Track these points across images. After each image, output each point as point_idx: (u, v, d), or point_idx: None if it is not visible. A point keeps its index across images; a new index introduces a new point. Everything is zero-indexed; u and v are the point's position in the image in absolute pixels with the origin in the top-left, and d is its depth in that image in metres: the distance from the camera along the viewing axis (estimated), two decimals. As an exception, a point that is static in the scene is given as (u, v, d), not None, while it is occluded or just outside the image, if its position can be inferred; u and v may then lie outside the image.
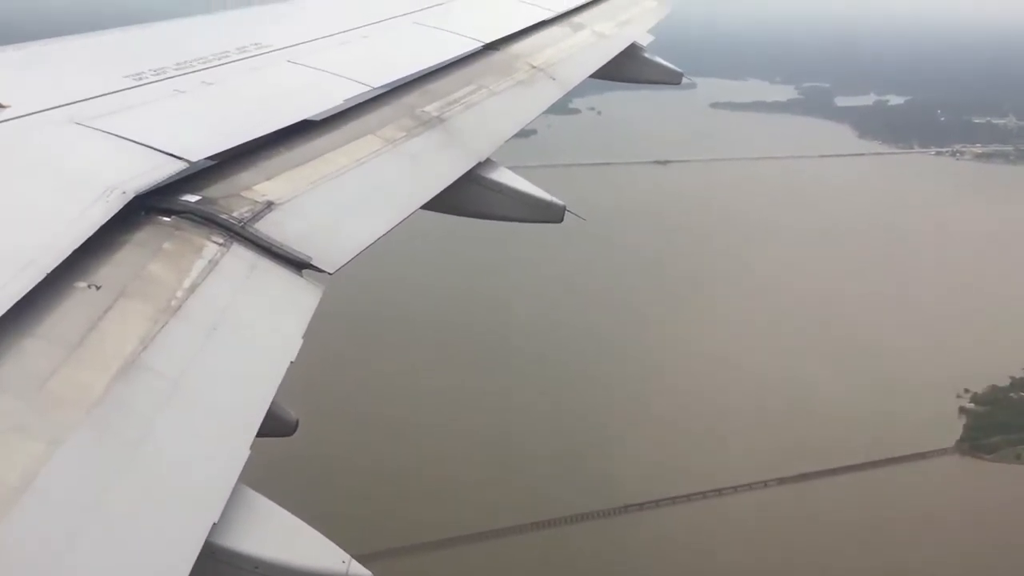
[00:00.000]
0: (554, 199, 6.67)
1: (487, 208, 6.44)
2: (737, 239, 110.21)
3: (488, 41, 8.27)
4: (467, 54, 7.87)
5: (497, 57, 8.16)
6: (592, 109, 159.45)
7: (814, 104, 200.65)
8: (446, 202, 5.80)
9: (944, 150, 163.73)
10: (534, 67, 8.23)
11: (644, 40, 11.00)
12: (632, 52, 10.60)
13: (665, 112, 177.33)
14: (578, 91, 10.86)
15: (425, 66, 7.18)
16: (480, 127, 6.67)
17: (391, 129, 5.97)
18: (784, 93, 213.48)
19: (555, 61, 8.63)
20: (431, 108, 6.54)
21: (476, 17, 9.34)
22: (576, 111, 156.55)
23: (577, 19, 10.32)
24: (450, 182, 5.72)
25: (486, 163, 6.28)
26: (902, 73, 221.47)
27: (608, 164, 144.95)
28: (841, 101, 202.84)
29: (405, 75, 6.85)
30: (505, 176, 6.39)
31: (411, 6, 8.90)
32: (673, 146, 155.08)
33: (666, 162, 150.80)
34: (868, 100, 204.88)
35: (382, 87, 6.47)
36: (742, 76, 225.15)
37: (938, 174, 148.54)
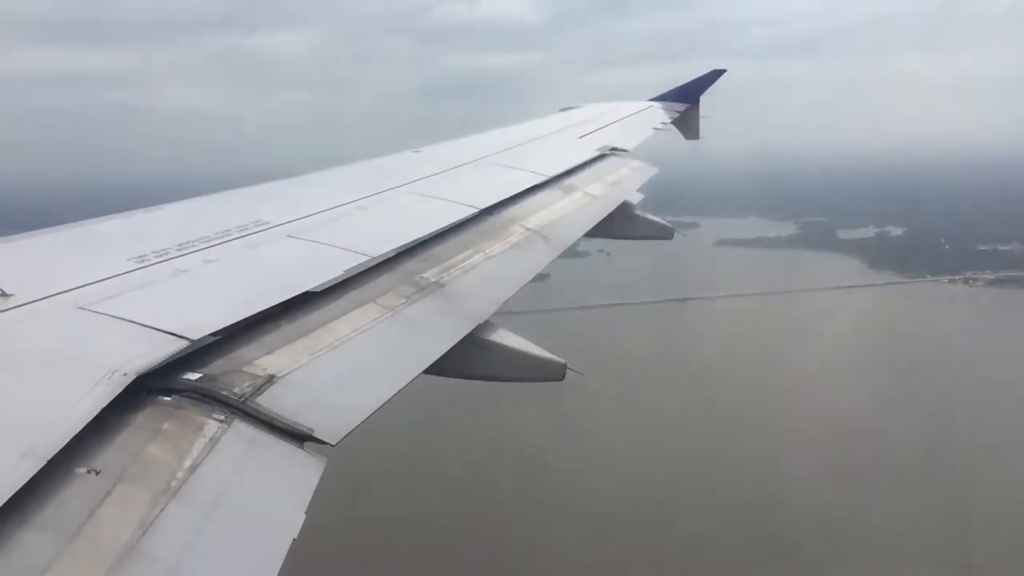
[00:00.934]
0: (554, 357, 6.68)
1: (489, 370, 6.44)
2: (776, 374, 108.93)
3: (483, 207, 8.49)
4: (463, 220, 8.07)
5: (492, 221, 8.36)
6: (601, 251, 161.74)
7: (816, 238, 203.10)
8: (448, 366, 5.80)
9: (956, 277, 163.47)
10: (528, 229, 8.43)
11: (634, 198, 11.31)
12: (624, 210, 10.88)
13: (673, 252, 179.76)
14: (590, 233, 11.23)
15: (423, 233, 7.35)
16: (478, 290, 6.76)
17: (391, 296, 6.05)
18: (785, 229, 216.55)
19: (548, 223, 8.84)
20: (429, 274, 6.65)
21: (470, 185, 9.63)
22: (586, 254, 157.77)
23: (568, 182, 10.64)
24: (450, 346, 5.74)
25: (485, 325, 6.32)
26: (897, 205, 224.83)
27: (626, 304, 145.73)
28: (843, 234, 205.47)
29: (403, 243, 7.00)
30: (504, 337, 6.42)
31: (406, 178, 9.20)
32: (687, 284, 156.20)
33: (684, 300, 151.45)
34: (869, 232, 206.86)
35: (381, 256, 6.59)
36: (742, 215, 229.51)
37: (956, 300, 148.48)
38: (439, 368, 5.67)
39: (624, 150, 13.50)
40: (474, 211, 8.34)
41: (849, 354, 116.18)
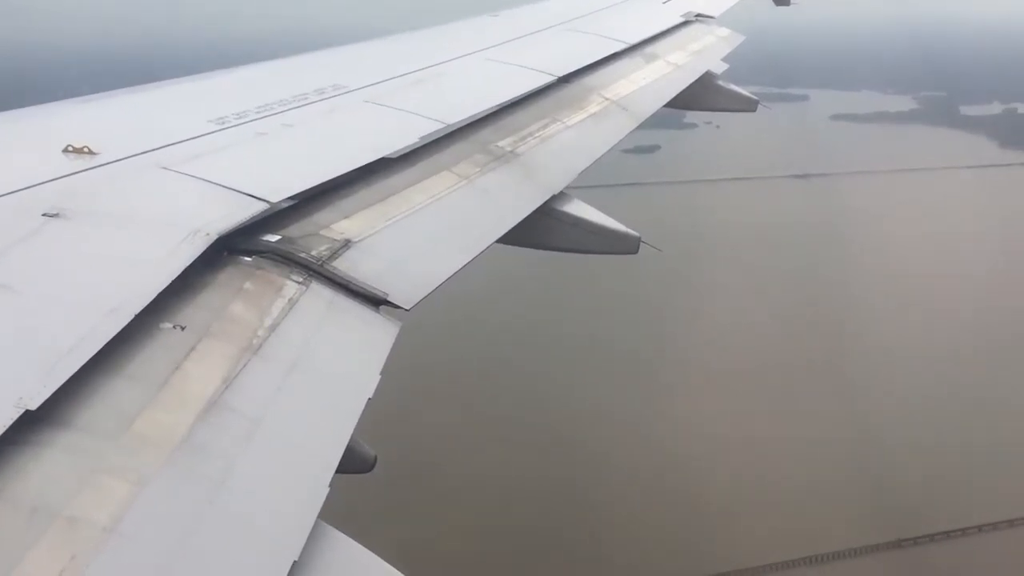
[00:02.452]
0: (629, 230, 6.64)
1: (562, 241, 6.45)
2: (917, 255, 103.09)
3: (561, 74, 8.31)
4: (540, 88, 7.92)
5: (570, 90, 8.19)
6: (709, 123, 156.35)
7: (937, 114, 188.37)
8: (521, 235, 5.82)
9: None
10: (607, 99, 8.24)
11: (718, 68, 10.93)
12: (706, 81, 10.53)
13: (785, 125, 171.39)
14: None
15: (499, 101, 7.25)
16: (554, 160, 6.69)
17: (466, 165, 6.03)
18: (902, 104, 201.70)
19: (628, 92, 8.62)
20: (505, 143, 6.59)
21: (549, 51, 9.39)
22: (692, 125, 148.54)
23: (650, 50, 10.31)
24: (524, 216, 5.74)
25: (560, 195, 6.29)
26: (1020, 79, 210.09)
27: (744, 179, 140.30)
28: (966, 110, 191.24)
29: (479, 111, 6.93)
30: (579, 208, 6.38)
31: (485, 43, 9.01)
32: (806, 159, 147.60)
33: (806, 175, 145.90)
34: (995, 109, 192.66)
35: (457, 123, 6.55)
36: (854, 87, 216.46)
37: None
38: (512, 237, 5.68)
39: (710, 16, 12.97)
40: (552, 79, 8.17)
41: (993, 240, 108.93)
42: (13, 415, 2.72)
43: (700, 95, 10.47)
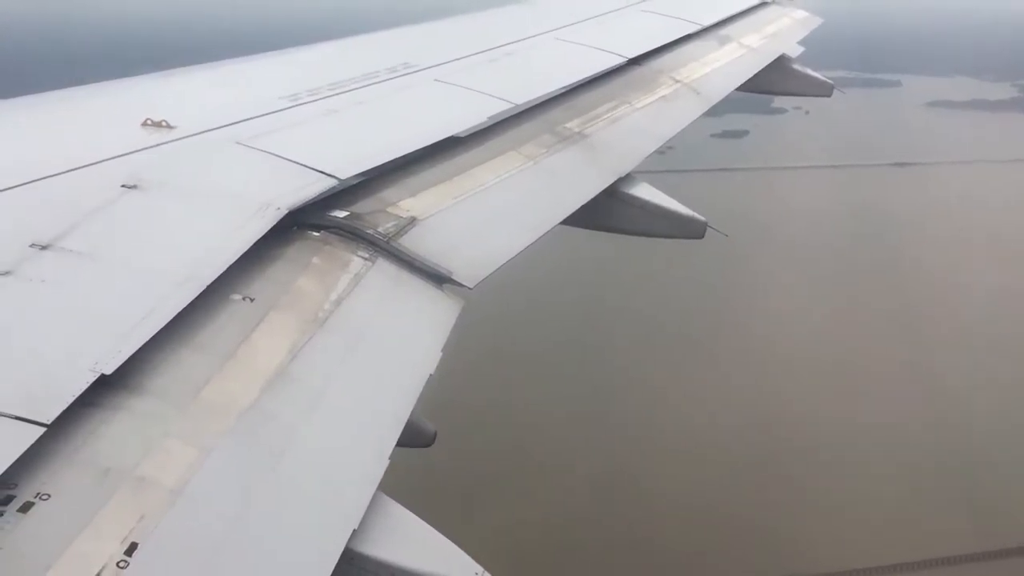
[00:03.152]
0: (695, 214, 6.59)
1: (627, 223, 6.42)
2: None
3: (631, 56, 8.25)
4: (610, 69, 7.88)
5: (640, 72, 8.12)
6: (799, 108, 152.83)
7: None
8: (586, 217, 5.81)
9: None
10: (677, 81, 8.16)
11: (793, 52, 10.72)
12: (780, 64, 10.35)
13: (879, 111, 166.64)
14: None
15: (567, 82, 7.23)
16: (621, 143, 6.65)
17: (533, 145, 6.04)
18: (1002, 91, 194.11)
19: (699, 75, 8.52)
20: (572, 124, 6.57)
21: (619, 33, 9.32)
22: (782, 110, 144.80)
23: (723, 32, 10.16)
24: (590, 197, 5.72)
25: (627, 178, 6.26)
26: None
27: (840, 167, 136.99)
28: None
29: (548, 91, 6.92)
30: (646, 192, 6.35)
31: (554, 23, 8.98)
32: (904, 148, 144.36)
33: (904, 164, 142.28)
34: None
35: (525, 104, 6.55)
36: (948, 73, 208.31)
37: None
38: (578, 219, 5.68)
39: (787, -2, 12.73)
40: (622, 60, 8.11)
41: None
42: (89, 379, 2.83)
43: (774, 79, 10.29)
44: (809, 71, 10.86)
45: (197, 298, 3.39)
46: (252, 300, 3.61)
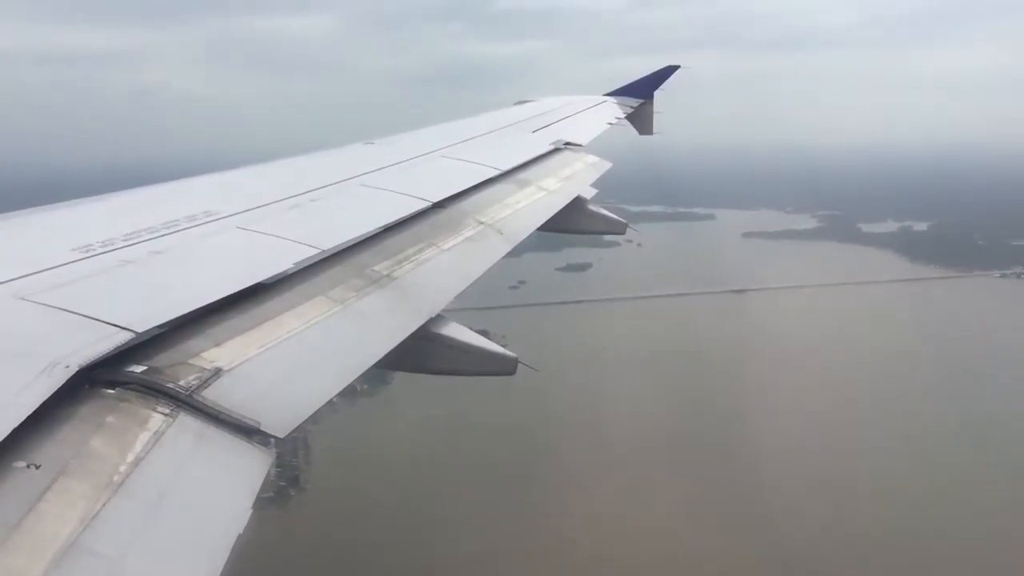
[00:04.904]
0: (506, 351, 6.72)
1: (440, 364, 6.46)
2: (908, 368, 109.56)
3: (436, 200, 8.48)
4: (416, 213, 8.05)
5: (445, 215, 8.35)
6: (630, 242, 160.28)
7: (842, 231, 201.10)
8: (399, 360, 5.79)
9: (1008, 272, 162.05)
10: (481, 223, 8.43)
11: (588, 193, 11.37)
12: (578, 205, 10.93)
13: (701, 242, 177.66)
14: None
15: (374, 226, 7.32)
16: (430, 283, 6.75)
17: (341, 289, 6.02)
18: (804, 222, 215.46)
19: (502, 216, 8.85)
20: (381, 267, 6.62)
21: (423, 178, 9.60)
22: (615, 244, 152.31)
23: (522, 176, 10.66)
24: (401, 339, 5.73)
25: (437, 319, 6.32)
26: (911, 200, 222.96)
27: (684, 295, 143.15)
28: (866, 228, 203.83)
29: (355, 236, 6.96)
30: (456, 331, 6.43)
31: (358, 169, 9.15)
32: (735, 275, 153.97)
33: (742, 291, 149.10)
34: (891, 227, 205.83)
35: (332, 248, 6.55)
36: (753, 206, 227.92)
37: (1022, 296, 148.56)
38: (390, 362, 5.65)
39: (578, 144, 13.56)
40: (426, 204, 8.32)
41: (965, 350, 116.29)
42: None
43: (573, 218, 10.85)
44: (604, 211, 11.53)
45: None
46: (38, 467, 3.33)
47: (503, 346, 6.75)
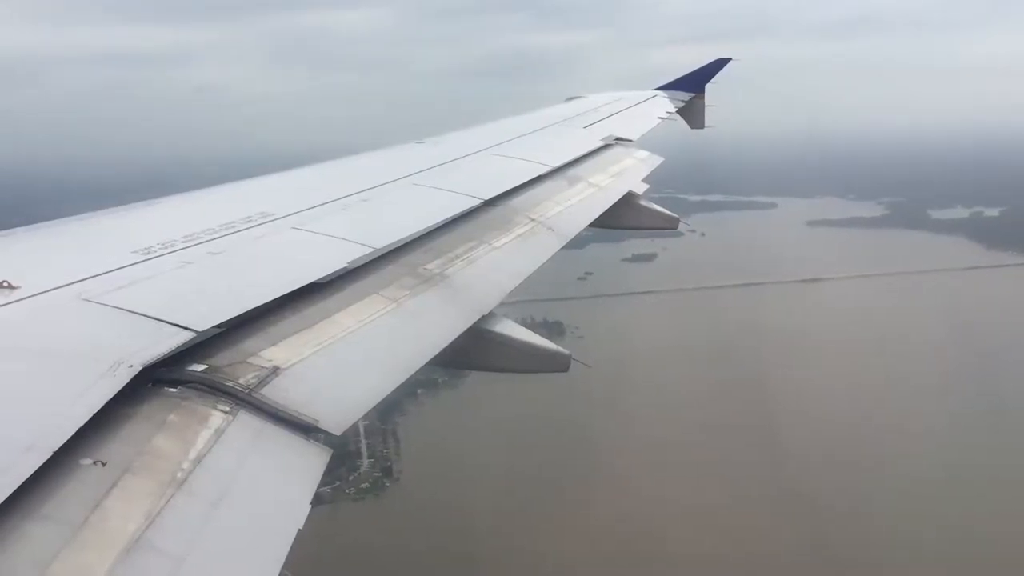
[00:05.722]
0: (560, 348, 6.71)
1: (493, 361, 6.47)
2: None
3: (487, 198, 8.50)
4: (467, 211, 8.08)
5: (496, 212, 8.37)
6: (693, 231, 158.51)
7: (910, 218, 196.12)
8: (451, 357, 5.82)
9: None
10: (533, 220, 8.43)
11: (639, 188, 11.30)
12: (629, 200, 10.87)
13: (765, 231, 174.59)
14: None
15: (426, 225, 7.36)
16: (482, 281, 6.77)
17: (394, 288, 6.07)
18: (870, 209, 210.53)
19: (553, 213, 8.84)
20: (433, 265, 6.66)
21: (473, 176, 9.63)
22: (678, 233, 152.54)
23: (572, 172, 10.64)
24: (453, 338, 5.76)
25: (490, 316, 6.34)
26: (976, 185, 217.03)
27: (755, 284, 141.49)
28: (936, 215, 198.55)
29: (407, 235, 7.01)
30: (509, 328, 6.44)
31: (410, 168, 9.20)
32: (806, 264, 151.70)
33: (816, 280, 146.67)
34: (961, 213, 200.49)
35: (385, 247, 6.61)
36: (816, 194, 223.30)
37: None
38: (443, 359, 5.68)
39: (629, 140, 13.49)
40: (477, 202, 8.34)
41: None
42: None
43: (624, 214, 10.79)
44: (656, 206, 11.45)
45: (43, 465, 3.18)
46: (104, 464, 3.41)
47: (580, 338, 6.77)
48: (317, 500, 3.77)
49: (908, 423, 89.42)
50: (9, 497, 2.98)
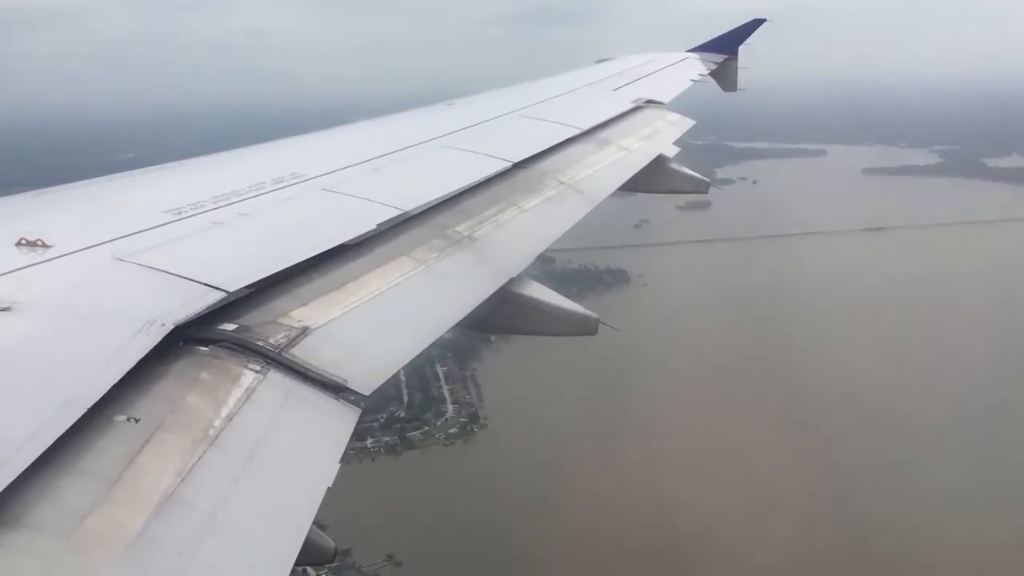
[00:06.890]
0: (588, 312, 6.69)
1: (521, 324, 6.47)
2: None
3: (516, 160, 8.45)
4: (496, 174, 8.04)
5: (525, 175, 8.32)
6: (744, 179, 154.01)
7: (966, 167, 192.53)
8: (480, 320, 5.83)
9: None
10: (562, 183, 8.38)
11: (670, 152, 11.19)
12: (659, 164, 10.77)
13: (818, 179, 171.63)
14: (717, 160, 11.29)
15: (455, 187, 7.34)
16: (510, 244, 6.75)
17: (423, 250, 6.07)
18: (923, 157, 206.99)
19: (582, 176, 8.78)
20: (462, 228, 6.65)
21: (503, 138, 9.57)
22: (729, 181, 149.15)
23: (602, 135, 10.55)
24: (481, 300, 5.75)
25: (518, 279, 6.33)
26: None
27: (816, 233, 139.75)
28: (991, 163, 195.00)
29: (436, 197, 6.99)
30: (537, 291, 6.42)
31: (438, 131, 9.17)
32: (867, 212, 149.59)
33: (879, 229, 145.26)
34: (1018, 161, 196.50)
35: (414, 209, 6.60)
36: (866, 142, 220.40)
37: None
38: (471, 322, 5.69)
39: (660, 102, 13.35)
40: (507, 164, 8.30)
41: None
42: None
43: (654, 177, 10.69)
44: (686, 170, 11.33)
45: (78, 421, 3.23)
46: (137, 421, 3.46)
47: (645, 286, 6.73)
48: (408, 445, 3.81)
49: (990, 369, 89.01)
50: (45, 452, 3.03)
